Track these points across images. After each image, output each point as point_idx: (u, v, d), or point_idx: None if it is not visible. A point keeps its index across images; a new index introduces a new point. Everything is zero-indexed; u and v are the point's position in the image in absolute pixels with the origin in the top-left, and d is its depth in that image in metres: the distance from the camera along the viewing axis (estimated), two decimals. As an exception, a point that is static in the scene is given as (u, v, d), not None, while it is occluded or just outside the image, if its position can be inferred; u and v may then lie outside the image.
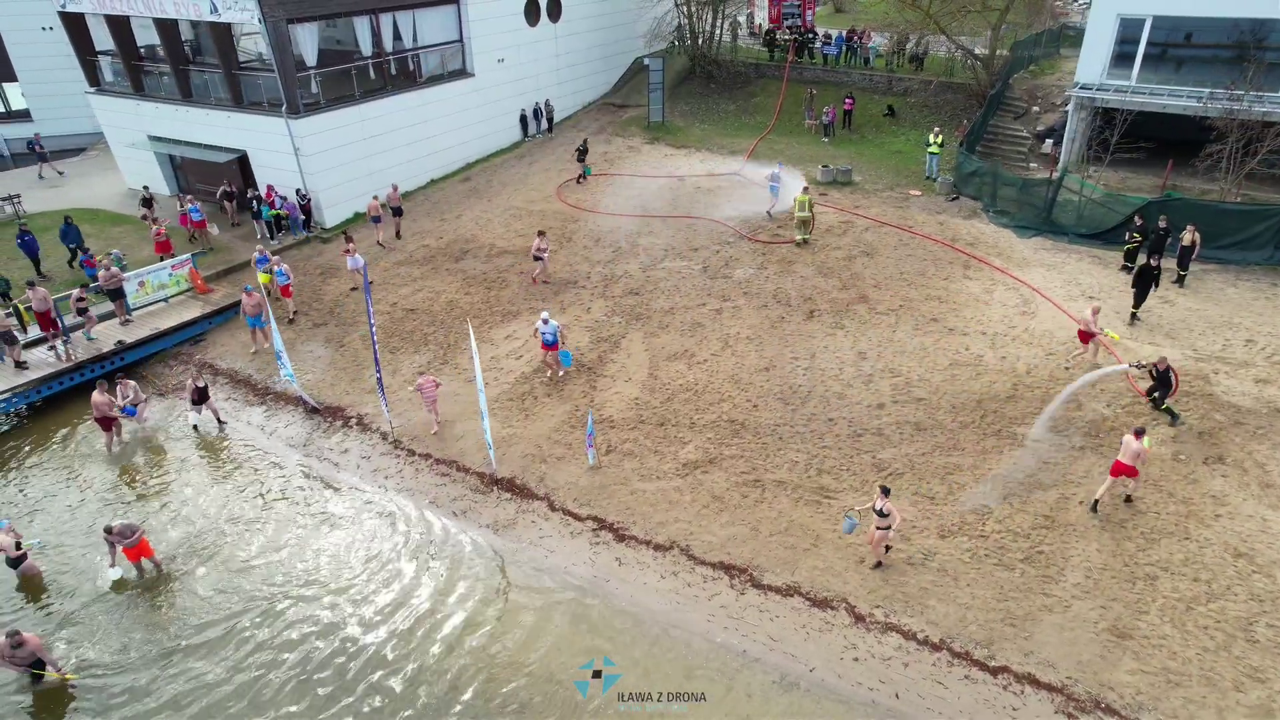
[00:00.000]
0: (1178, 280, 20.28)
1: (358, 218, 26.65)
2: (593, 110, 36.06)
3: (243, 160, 26.42)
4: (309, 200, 25.37)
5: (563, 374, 18.10)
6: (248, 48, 26.31)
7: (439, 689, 11.83)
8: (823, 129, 31.92)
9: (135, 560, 13.55)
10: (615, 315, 20.34)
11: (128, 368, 19.85)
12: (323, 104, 25.21)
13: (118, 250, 23.49)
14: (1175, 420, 15.55)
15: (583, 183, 28.44)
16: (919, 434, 15.98)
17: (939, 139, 27.22)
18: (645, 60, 33.76)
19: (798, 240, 23.45)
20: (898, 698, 11.34)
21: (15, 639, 11.37)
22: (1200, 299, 19.77)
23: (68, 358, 18.79)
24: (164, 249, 23.16)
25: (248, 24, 23.81)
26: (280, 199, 25.13)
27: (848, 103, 32.28)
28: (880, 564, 13.15)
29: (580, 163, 28.83)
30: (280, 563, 14.16)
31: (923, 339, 18.80)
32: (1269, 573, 12.44)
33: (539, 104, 33.01)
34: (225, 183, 25.49)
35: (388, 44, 26.90)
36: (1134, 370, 15.97)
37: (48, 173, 32.30)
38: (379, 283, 22.65)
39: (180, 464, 16.83)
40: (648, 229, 24.91)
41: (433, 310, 21.16)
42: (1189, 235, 20.07)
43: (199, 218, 24.12)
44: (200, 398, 17.18)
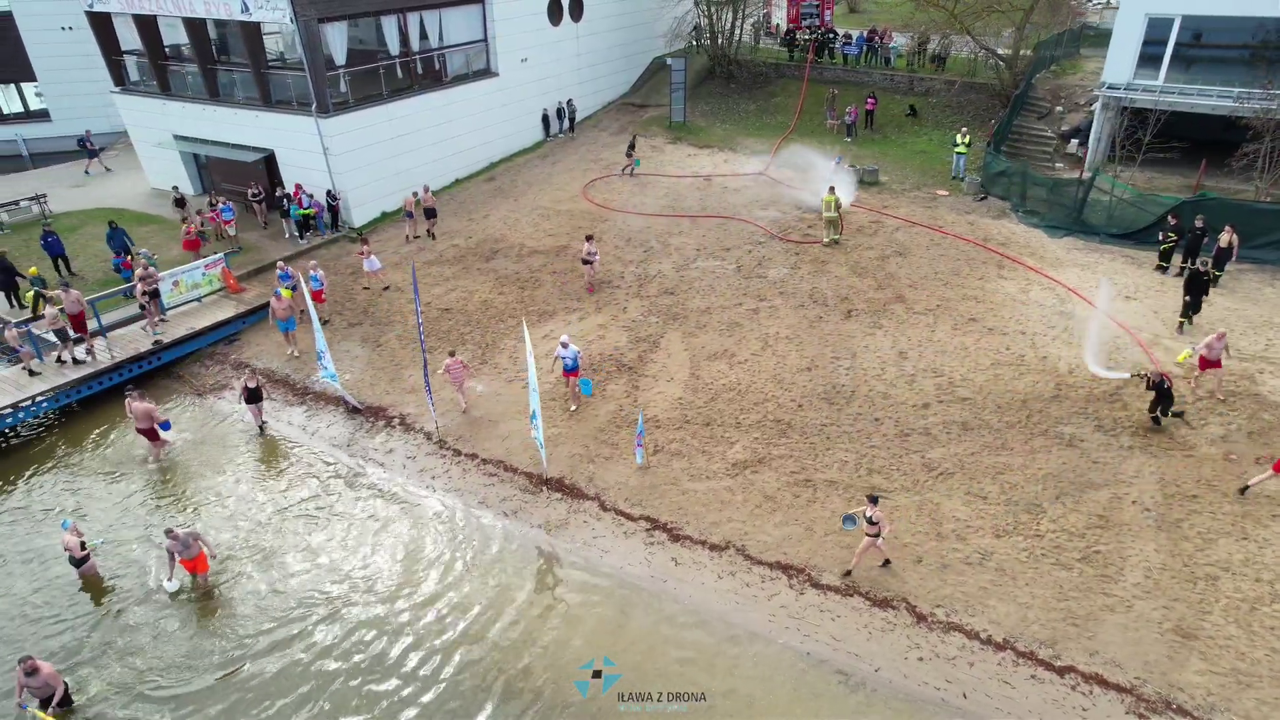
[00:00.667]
0: (1213, 280, 20.26)
1: (385, 217, 26.64)
2: (613, 110, 36.04)
3: (269, 160, 26.40)
4: (338, 200, 25.33)
5: (575, 407, 17.16)
6: (269, 46, 26.26)
7: (512, 693, 11.75)
8: (845, 129, 31.89)
9: (191, 572, 13.35)
10: (652, 315, 20.32)
11: (165, 367, 19.87)
12: (351, 103, 25.17)
13: (146, 249, 23.45)
14: (1179, 415, 15.70)
15: (634, 174, 28.77)
16: (966, 434, 15.97)
17: (966, 139, 27.23)
18: (668, 60, 33.75)
19: (825, 241, 23.45)
20: (965, 697, 11.34)
21: (28, 665, 10.82)
22: (1238, 299, 19.78)
23: (79, 357, 18.75)
24: (193, 247, 23.12)
25: (276, 23, 23.78)
26: (307, 197, 25.10)
27: (870, 102, 32.26)
28: (888, 562, 13.21)
29: (629, 156, 28.99)
30: (334, 566, 14.11)
31: (963, 339, 18.79)
32: (1330, 572, 12.45)
33: (561, 103, 32.99)
34: (254, 185, 25.39)
35: (414, 43, 26.87)
36: (1134, 378, 15.94)
37: (95, 169, 32.29)
38: (411, 283, 22.58)
39: (225, 465, 16.76)
40: (677, 228, 24.89)
41: (467, 310, 21.13)
42: (1226, 236, 20.05)
43: (230, 216, 24.06)
44: (252, 398, 16.96)
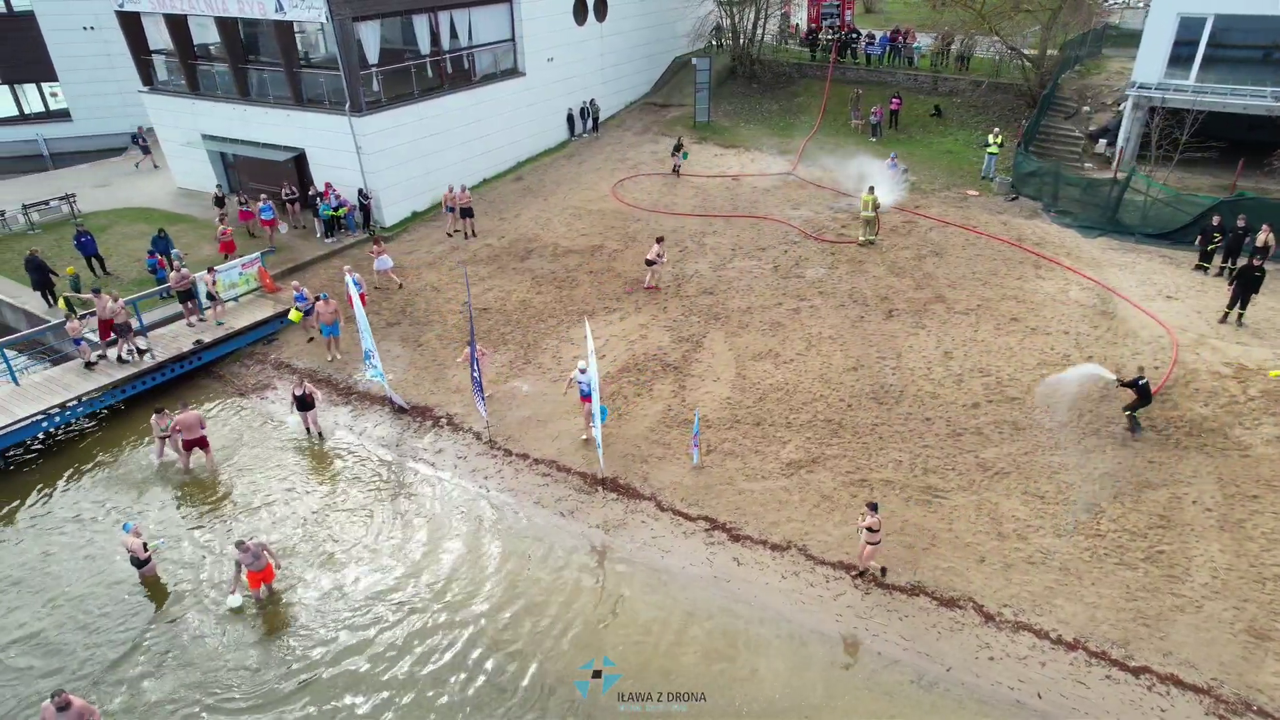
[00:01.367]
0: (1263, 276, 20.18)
1: (415, 217, 26.60)
2: (635, 110, 36.02)
3: (299, 159, 26.35)
4: (369, 199, 25.29)
5: (586, 438, 16.35)
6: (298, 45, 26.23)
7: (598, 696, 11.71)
8: (871, 129, 31.88)
9: (256, 587, 13.02)
10: (692, 315, 20.29)
11: (205, 367, 19.82)
12: (383, 102, 25.13)
13: (176, 249, 23.41)
14: (1136, 430, 15.56)
15: (679, 174, 28.67)
16: (1018, 433, 15.95)
17: (998, 139, 27.23)
18: (693, 60, 33.73)
19: (860, 241, 23.44)
20: (1040, 697, 11.31)
21: (60, 700, 10.18)
22: (1277, 298, 19.76)
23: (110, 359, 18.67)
24: (228, 249, 23.06)
25: (311, 22, 23.74)
26: (335, 196, 25.05)
27: (895, 103, 32.27)
28: (885, 570, 13.10)
29: (675, 155, 28.78)
30: (395, 569, 13.99)
31: (1006, 339, 18.76)
32: (1398, 572, 12.44)
33: (585, 103, 32.97)
34: (288, 185, 25.33)
35: (445, 42, 26.85)
36: (1115, 384, 15.88)
37: (145, 165, 32.45)
38: (447, 282, 22.60)
39: (274, 467, 16.64)
40: (710, 228, 24.88)
41: (506, 310, 21.09)
42: (1264, 235, 20.06)
43: (270, 216, 24.01)
44: (302, 406, 16.72)
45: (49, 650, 12.61)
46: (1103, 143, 28.44)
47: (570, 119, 32.58)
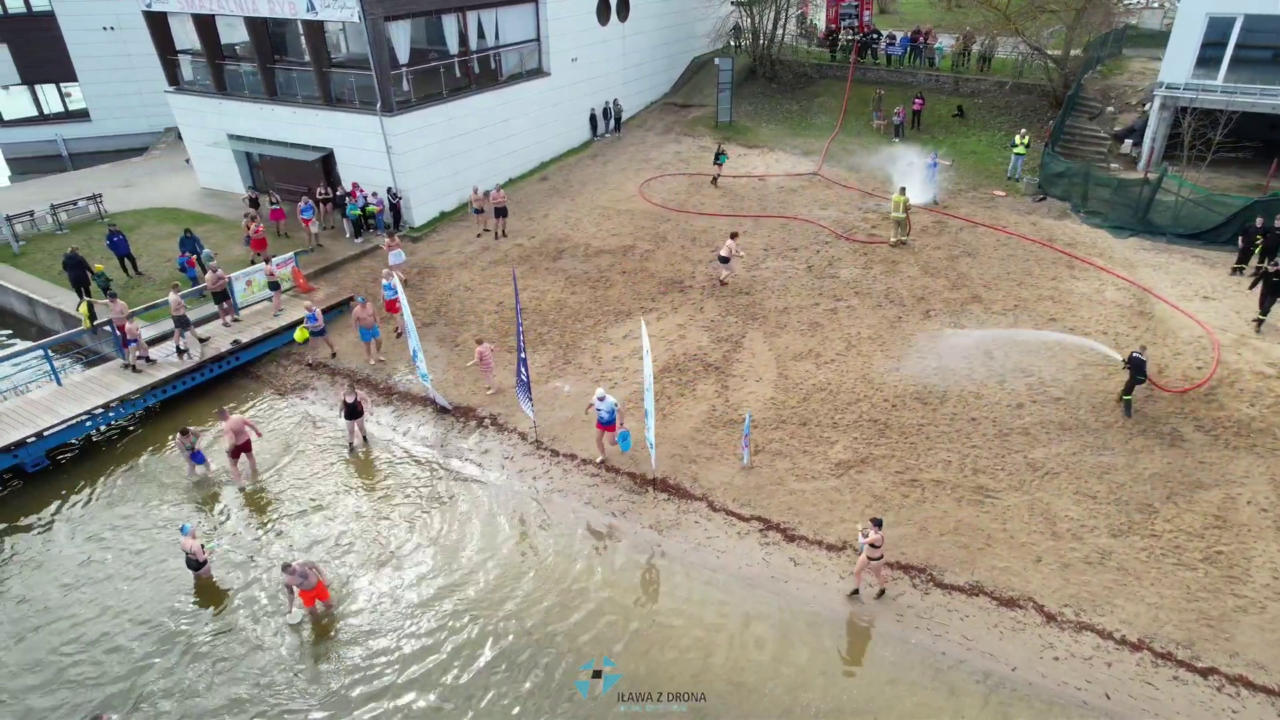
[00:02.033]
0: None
1: (443, 217, 26.58)
2: (656, 110, 36.01)
3: (326, 159, 26.32)
4: (399, 199, 25.27)
5: (601, 459, 15.93)
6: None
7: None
8: (894, 129, 31.89)
9: (310, 605, 12.78)
10: (729, 315, 20.29)
11: (243, 367, 19.80)
12: (413, 102, 25.11)
13: (207, 250, 23.37)
14: (1128, 412, 16.10)
15: (717, 185, 27.91)
16: (1065, 434, 15.95)
17: (1025, 140, 27.24)
18: (715, 60, 33.73)
19: (892, 241, 23.44)
20: (1108, 698, 11.31)
21: None
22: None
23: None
24: (259, 247, 23.03)
25: (343, 21, 23.72)
26: (364, 196, 25.03)
27: (917, 103, 32.26)
28: (882, 592, 12.98)
29: (716, 165, 27.87)
30: (451, 573, 13.92)
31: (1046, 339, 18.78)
32: None
33: (607, 103, 32.96)
34: (322, 185, 25.26)
35: (472, 42, 26.83)
36: (1121, 364, 16.42)
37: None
38: (480, 282, 22.59)
39: (320, 470, 16.56)
40: (740, 228, 24.80)
41: (541, 309, 21.06)
42: (1299, 236, 20.11)
43: (310, 215, 23.96)
44: (351, 413, 16.55)
45: (107, 651, 12.59)
46: (1128, 143, 28.44)
47: (593, 119, 32.58)
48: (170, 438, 17.28)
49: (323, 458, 16.88)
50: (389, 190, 25.14)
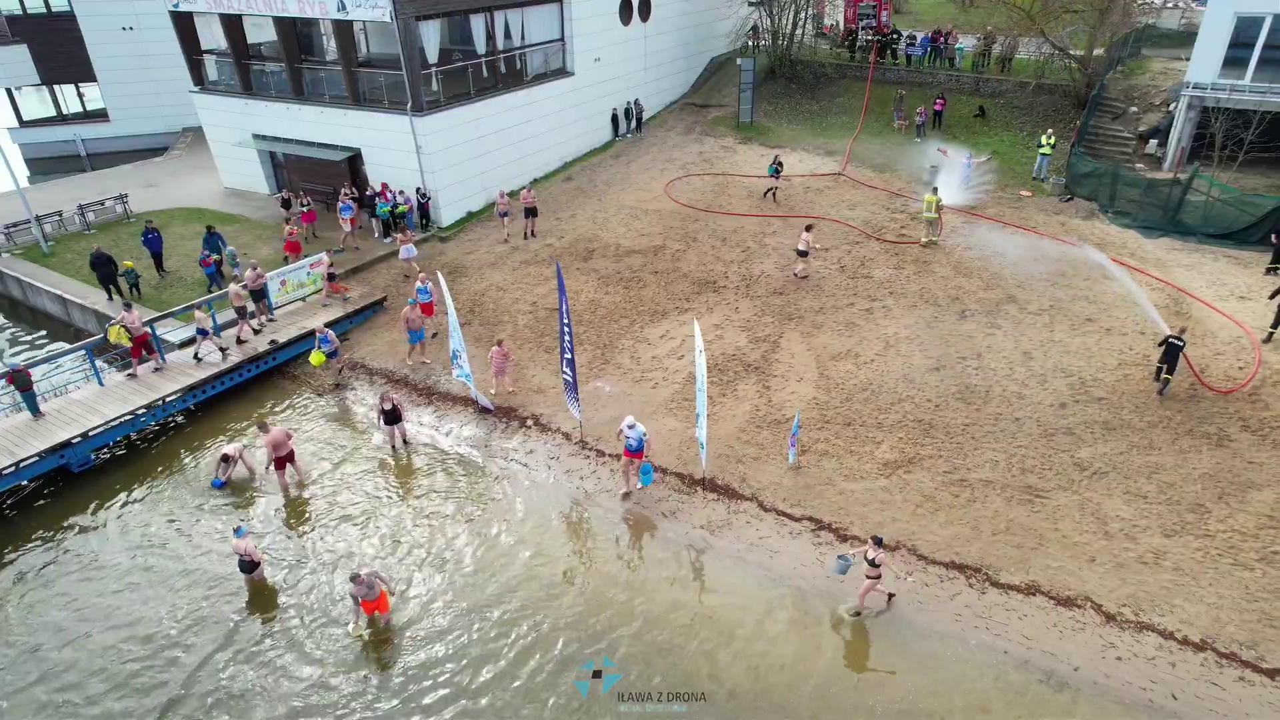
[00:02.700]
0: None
1: (470, 217, 26.57)
2: (676, 110, 36.01)
3: (352, 159, 26.32)
4: (428, 199, 25.25)
5: (626, 491, 15.32)
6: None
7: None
8: (916, 129, 31.89)
9: (370, 614, 12.59)
10: (765, 315, 20.29)
11: (280, 367, 19.77)
12: (442, 102, 25.10)
13: (233, 248, 23.36)
14: (1163, 390, 16.67)
15: (776, 200, 26.70)
16: (1110, 433, 15.95)
17: (1051, 140, 27.25)
18: (738, 60, 33.77)
19: (923, 241, 23.44)
20: (1175, 699, 11.30)
21: None
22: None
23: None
24: (293, 249, 23.00)
25: (373, 21, 23.72)
26: (394, 195, 25.01)
27: (939, 103, 32.27)
28: (892, 596, 12.98)
29: (774, 176, 26.73)
30: (509, 577, 13.83)
31: (1084, 339, 18.78)
32: None
33: (629, 103, 32.96)
34: (349, 186, 25.24)
35: (499, 42, 26.81)
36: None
37: None
38: (512, 282, 22.58)
39: (367, 474, 16.44)
40: (769, 228, 24.88)
41: (575, 309, 20.96)
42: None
43: (349, 214, 23.91)
44: (390, 419, 16.48)
45: (156, 654, 12.56)
46: (1153, 143, 28.44)
47: (615, 119, 32.59)
48: (210, 442, 17.30)
49: (365, 461, 16.82)
50: (417, 190, 25.12)
